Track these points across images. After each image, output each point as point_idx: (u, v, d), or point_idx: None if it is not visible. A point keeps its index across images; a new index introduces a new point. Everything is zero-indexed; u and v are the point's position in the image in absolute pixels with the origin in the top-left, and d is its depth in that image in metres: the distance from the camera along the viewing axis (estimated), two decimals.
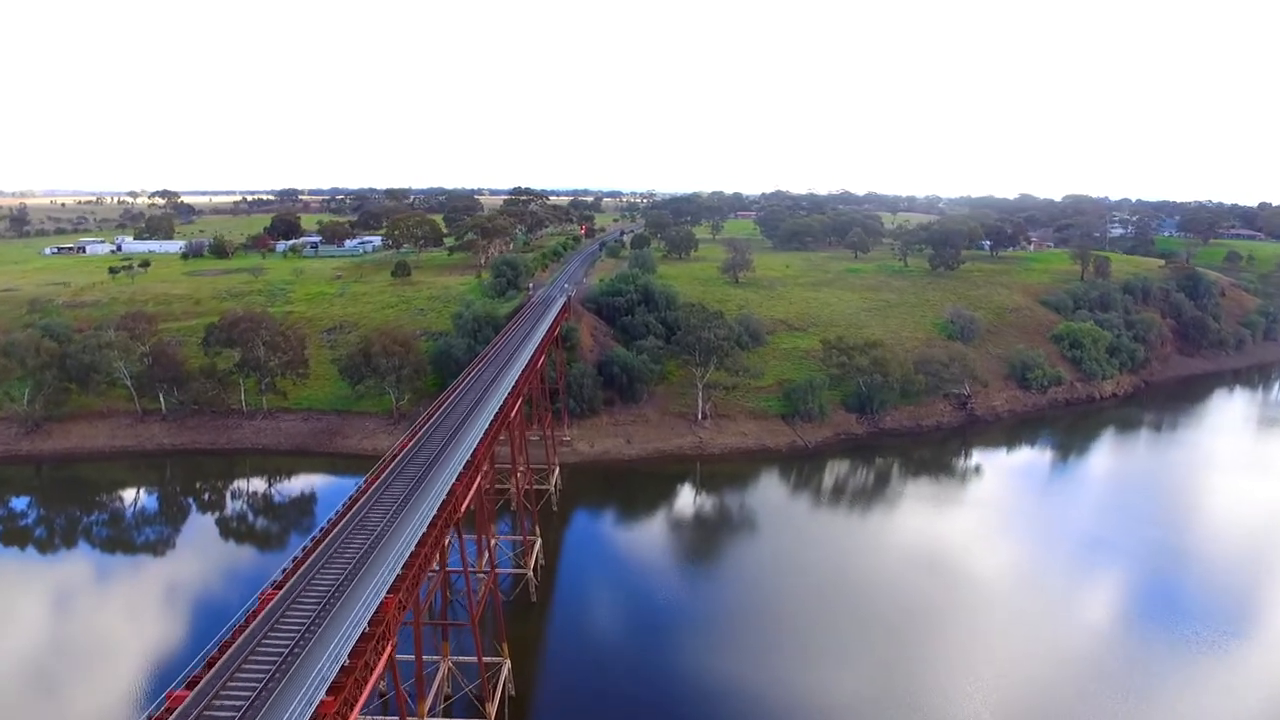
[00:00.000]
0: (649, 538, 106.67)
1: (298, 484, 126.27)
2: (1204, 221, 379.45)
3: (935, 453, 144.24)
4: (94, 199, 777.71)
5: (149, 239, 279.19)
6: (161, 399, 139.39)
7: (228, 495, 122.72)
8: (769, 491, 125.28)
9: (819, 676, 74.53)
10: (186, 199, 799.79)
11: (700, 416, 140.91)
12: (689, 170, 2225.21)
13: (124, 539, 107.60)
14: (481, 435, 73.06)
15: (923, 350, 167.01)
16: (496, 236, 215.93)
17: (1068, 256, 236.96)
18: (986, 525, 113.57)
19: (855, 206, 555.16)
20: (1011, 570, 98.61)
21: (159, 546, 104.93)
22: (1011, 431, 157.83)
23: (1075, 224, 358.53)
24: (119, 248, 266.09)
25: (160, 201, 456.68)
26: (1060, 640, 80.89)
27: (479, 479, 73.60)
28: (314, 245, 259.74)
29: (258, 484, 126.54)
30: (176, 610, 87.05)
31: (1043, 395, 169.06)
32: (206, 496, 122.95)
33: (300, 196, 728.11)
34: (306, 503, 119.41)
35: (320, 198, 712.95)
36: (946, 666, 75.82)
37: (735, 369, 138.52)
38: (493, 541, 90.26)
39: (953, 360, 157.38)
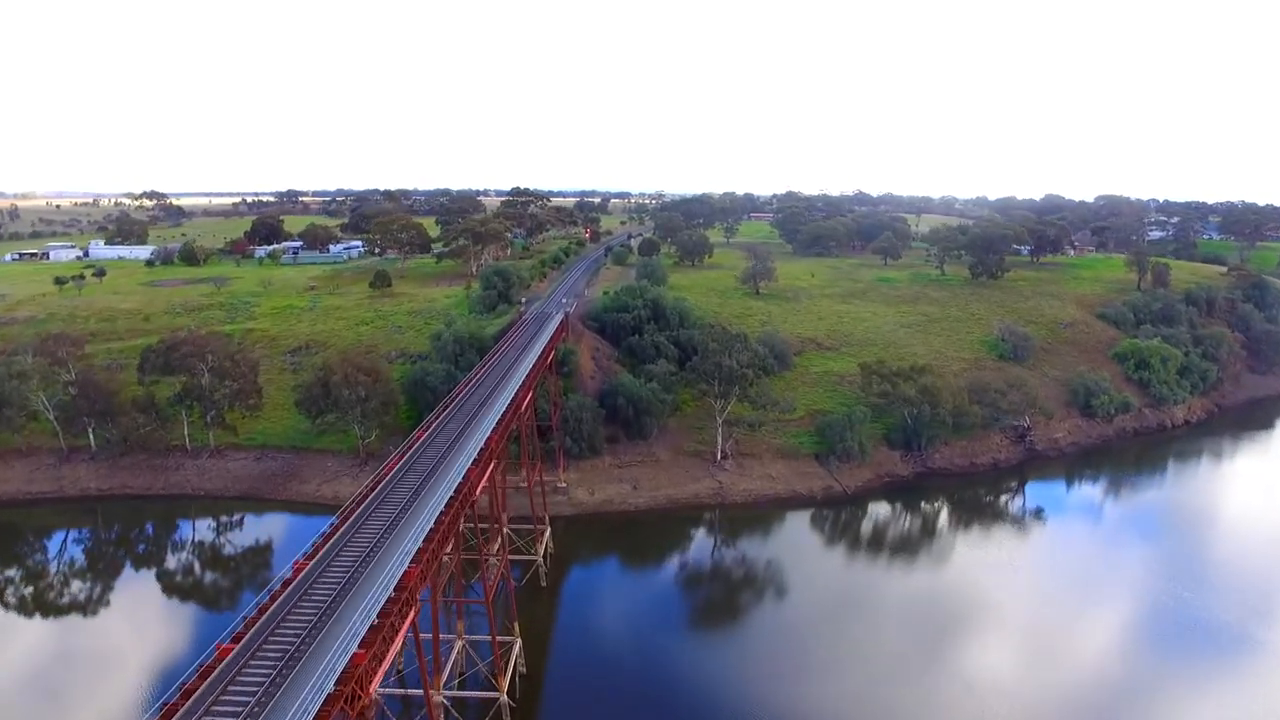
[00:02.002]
0: (662, 624, 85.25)
1: (247, 535, 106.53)
2: (1248, 223, 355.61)
3: (992, 496, 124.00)
4: (91, 201, 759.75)
5: (120, 244, 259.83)
6: (90, 435, 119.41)
7: (166, 548, 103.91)
8: (805, 551, 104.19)
9: None
10: (188, 201, 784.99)
11: (720, 456, 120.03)
12: (697, 171, 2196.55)
13: (45, 599, 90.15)
14: (438, 514, 53.43)
15: (973, 374, 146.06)
16: (490, 242, 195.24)
17: (1122, 263, 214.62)
18: (1062, 599, 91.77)
19: (872, 208, 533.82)
20: (1093, 664, 78.11)
21: (88, 606, 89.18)
22: (1075, 468, 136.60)
23: (1111, 226, 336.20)
24: (86, 254, 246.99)
25: (148, 203, 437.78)
26: None
27: (438, 561, 53.95)
28: (295, 251, 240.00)
29: (203, 533, 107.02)
30: (109, 676, 72.80)
31: (1108, 424, 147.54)
32: (141, 549, 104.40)
33: (301, 198, 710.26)
34: (256, 558, 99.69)
35: (322, 199, 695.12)
36: None
37: (762, 402, 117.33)
38: (457, 648, 69.96)
39: (1011, 387, 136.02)
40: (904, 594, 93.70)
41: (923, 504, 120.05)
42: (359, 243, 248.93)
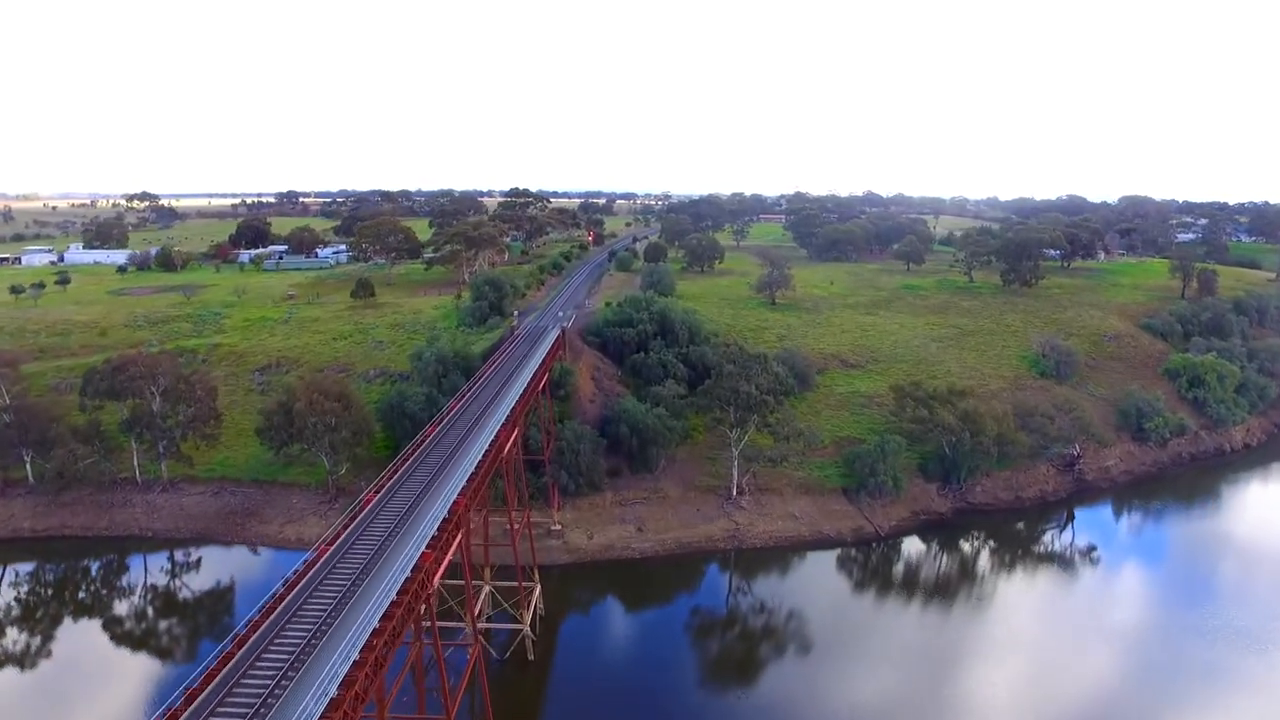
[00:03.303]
0: (674, 709, 71.26)
1: (199, 580, 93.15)
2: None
3: (1043, 535, 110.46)
4: (89, 202, 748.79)
5: (99, 248, 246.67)
6: (28, 466, 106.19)
7: (111, 597, 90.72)
8: (838, 607, 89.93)
9: None
10: (190, 202, 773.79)
11: (735, 492, 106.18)
12: (703, 171, 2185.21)
13: None
14: (387, 605, 40.47)
15: (1014, 395, 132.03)
16: (484, 246, 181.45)
17: (1164, 268, 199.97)
18: (1134, 666, 77.90)
19: (883, 209, 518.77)
20: None
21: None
22: (1128, 498, 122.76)
23: (1137, 228, 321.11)
24: (62, 258, 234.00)
25: (140, 205, 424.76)
26: None
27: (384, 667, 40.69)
28: (280, 256, 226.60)
29: (155, 577, 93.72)
30: None
31: (1162, 449, 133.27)
32: (82, 595, 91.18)
33: (301, 199, 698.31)
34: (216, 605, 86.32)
35: (323, 200, 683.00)
36: None
37: (785, 433, 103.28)
38: None
39: (1060, 410, 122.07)
40: (952, 652, 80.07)
41: (965, 545, 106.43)
42: (346, 247, 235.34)
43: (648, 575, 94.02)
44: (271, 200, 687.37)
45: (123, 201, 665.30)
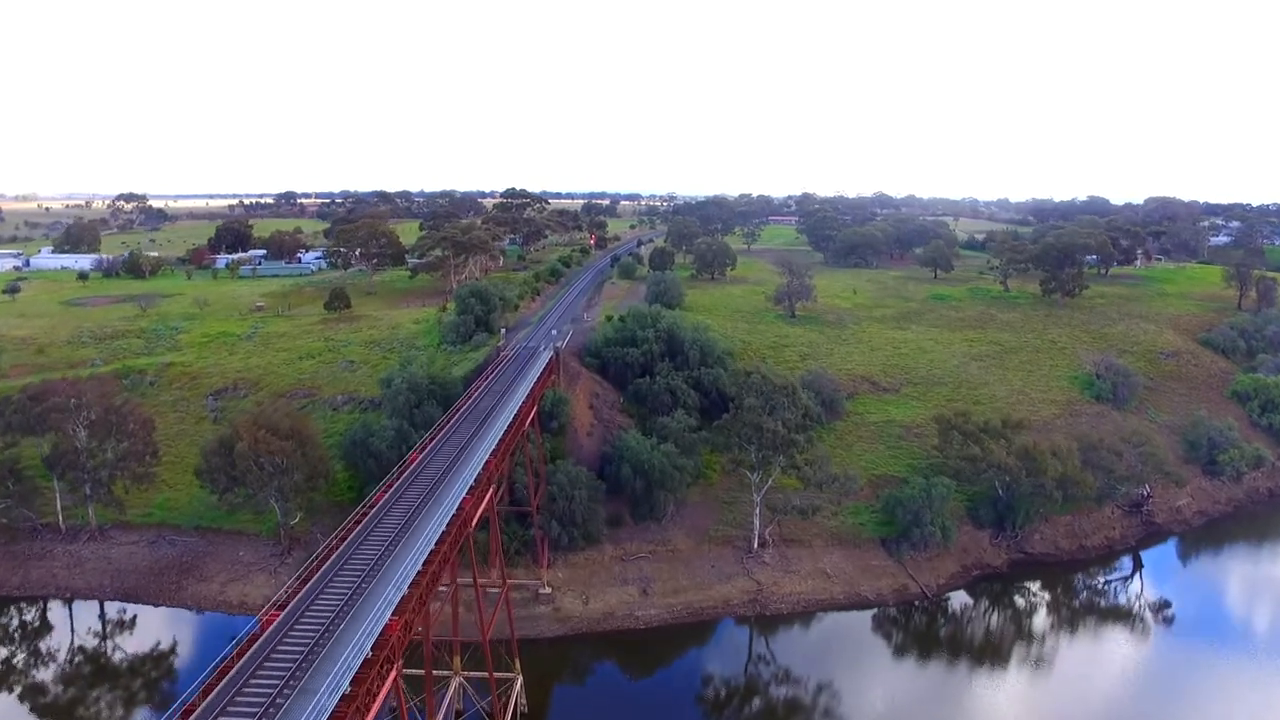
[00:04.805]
0: None
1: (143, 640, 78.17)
2: None
3: (1104, 588, 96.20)
4: (84, 203, 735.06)
5: (69, 252, 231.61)
6: None
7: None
8: (876, 677, 74.67)
9: None
10: (190, 204, 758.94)
11: (757, 544, 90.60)
12: (709, 172, 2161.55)
13: None
14: None
15: (1068, 420, 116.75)
16: (475, 252, 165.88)
17: (1211, 274, 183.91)
18: None
19: (894, 210, 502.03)
20: None
21: None
22: (1201, 542, 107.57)
23: (1168, 231, 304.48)
24: (28, 263, 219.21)
25: (126, 206, 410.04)
26: None
27: None
28: (259, 261, 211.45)
29: (84, 639, 78.30)
30: None
31: (1237, 484, 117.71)
32: None
33: (300, 200, 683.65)
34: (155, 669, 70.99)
35: (323, 200, 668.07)
36: None
37: (818, 479, 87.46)
38: None
39: (1127, 444, 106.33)
40: None
41: (1020, 601, 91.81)
42: (323, 252, 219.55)
43: (653, 648, 78.79)
44: (270, 201, 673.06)
45: (121, 203, 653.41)
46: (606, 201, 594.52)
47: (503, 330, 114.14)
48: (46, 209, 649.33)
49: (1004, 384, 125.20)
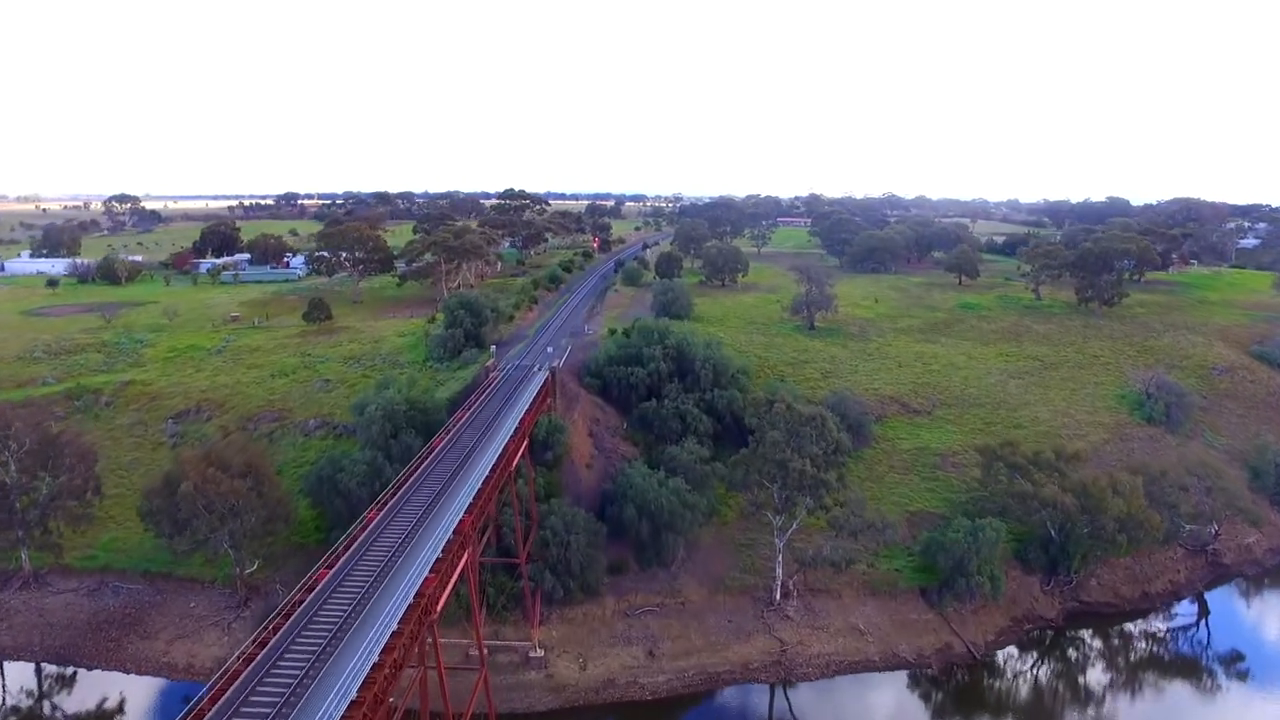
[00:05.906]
0: None
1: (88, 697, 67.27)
2: None
3: (1166, 639, 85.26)
4: (81, 204, 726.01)
5: (45, 256, 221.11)
6: None
7: None
8: None
9: None
10: (189, 205, 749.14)
11: (779, 595, 79.35)
12: (715, 172, 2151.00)
13: None
14: None
15: (1119, 446, 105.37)
16: (469, 257, 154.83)
17: (1259, 280, 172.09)
18: None
19: (904, 212, 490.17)
20: None
21: None
22: (1268, 583, 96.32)
23: (1194, 234, 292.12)
24: (2, 268, 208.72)
25: (119, 207, 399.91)
26: None
27: None
28: (243, 266, 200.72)
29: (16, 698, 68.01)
30: None
31: None
32: None
33: (300, 201, 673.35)
34: None
35: (324, 201, 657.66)
36: None
37: (853, 526, 76.04)
38: None
39: (1193, 476, 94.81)
40: None
41: (1073, 653, 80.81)
42: (305, 258, 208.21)
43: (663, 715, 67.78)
44: (270, 202, 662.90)
45: (118, 204, 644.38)
46: (611, 203, 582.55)
47: (493, 348, 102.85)
48: (44, 210, 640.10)
49: (1046, 405, 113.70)
